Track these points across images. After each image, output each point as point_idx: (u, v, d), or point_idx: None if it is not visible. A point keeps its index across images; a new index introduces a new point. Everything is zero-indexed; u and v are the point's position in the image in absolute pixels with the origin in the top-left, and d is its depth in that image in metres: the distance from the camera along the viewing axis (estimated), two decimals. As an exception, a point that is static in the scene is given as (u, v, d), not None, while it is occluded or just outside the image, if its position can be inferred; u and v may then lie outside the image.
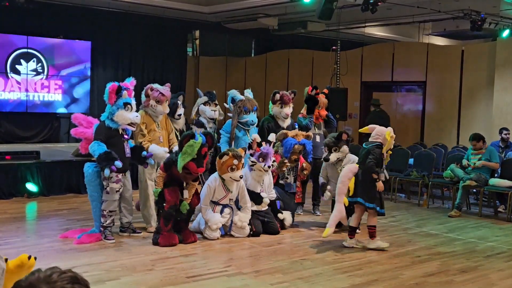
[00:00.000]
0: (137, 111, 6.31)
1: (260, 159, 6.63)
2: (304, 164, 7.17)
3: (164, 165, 6.10)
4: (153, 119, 6.75)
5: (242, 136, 7.41)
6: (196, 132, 6.19)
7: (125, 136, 6.26)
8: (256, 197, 6.66)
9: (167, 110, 6.86)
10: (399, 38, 14.83)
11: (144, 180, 6.71)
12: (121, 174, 6.14)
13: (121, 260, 5.48)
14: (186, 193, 6.20)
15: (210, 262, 5.51)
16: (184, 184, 6.21)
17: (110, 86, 6.09)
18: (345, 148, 7.10)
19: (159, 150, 6.52)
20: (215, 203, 6.47)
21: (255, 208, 6.66)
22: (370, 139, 6.41)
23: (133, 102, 6.19)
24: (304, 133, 7.36)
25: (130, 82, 6.38)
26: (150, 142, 6.63)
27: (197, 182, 6.43)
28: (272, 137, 7.07)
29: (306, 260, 5.69)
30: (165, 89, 6.79)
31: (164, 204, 6.05)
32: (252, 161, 6.67)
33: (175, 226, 6.13)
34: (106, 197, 6.10)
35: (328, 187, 7.07)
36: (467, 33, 12.99)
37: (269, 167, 6.65)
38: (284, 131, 7.33)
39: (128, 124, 6.15)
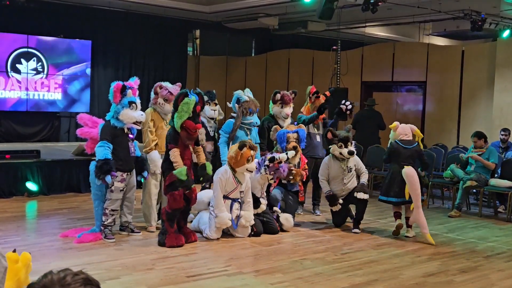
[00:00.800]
0: (142, 109, 6.31)
1: (272, 172, 6.66)
2: (298, 177, 7.13)
3: (173, 141, 5.94)
4: (162, 117, 6.74)
5: (241, 137, 7.40)
6: (188, 90, 6.14)
7: (130, 136, 6.26)
8: (254, 201, 6.66)
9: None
10: (400, 38, 14.83)
11: (147, 179, 6.72)
12: (125, 173, 6.14)
13: (121, 259, 5.48)
14: (195, 158, 6.21)
15: (210, 262, 5.51)
16: (191, 149, 6.17)
17: (115, 85, 6.09)
18: (353, 143, 7.28)
19: (158, 161, 6.53)
20: (224, 197, 6.42)
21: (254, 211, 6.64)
22: (398, 138, 6.67)
23: (138, 101, 6.21)
24: (294, 125, 7.38)
25: (134, 81, 6.39)
26: (155, 147, 6.64)
27: (200, 147, 6.41)
28: (291, 154, 6.98)
29: (306, 259, 5.69)
30: (175, 88, 6.77)
31: (166, 207, 6.05)
32: (265, 167, 6.66)
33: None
34: (109, 196, 6.10)
35: (340, 200, 7.09)
36: (467, 33, 12.99)
37: (274, 182, 6.85)
38: (275, 126, 7.38)
39: (133, 123, 6.17)
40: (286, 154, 6.73)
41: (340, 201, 7.10)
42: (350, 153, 7.06)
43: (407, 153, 6.71)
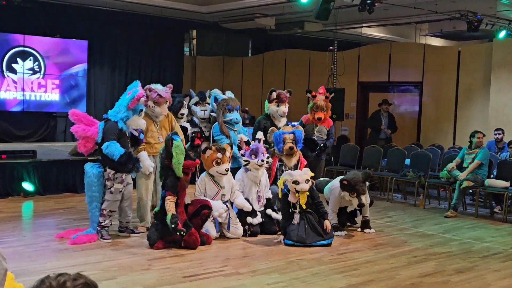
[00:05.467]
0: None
1: (252, 156, 6.68)
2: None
3: (171, 189, 5.85)
4: (152, 119, 6.73)
5: (231, 136, 7.42)
6: (171, 134, 6.16)
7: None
8: (251, 212, 6.62)
9: (166, 112, 6.81)
10: (396, 39, 14.85)
11: (140, 181, 6.71)
12: (124, 174, 6.13)
13: (117, 259, 5.47)
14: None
15: (207, 262, 5.51)
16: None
17: (138, 93, 6.02)
18: (367, 192, 6.88)
19: (146, 161, 6.50)
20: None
21: (251, 221, 6.60)
22: None
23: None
24: (291, 126, 7.38)
25: (138, 87, 6.27)
26: (144, 149, 6.61)
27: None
28: (259, 135, 7.10)
29: (302, 260, 5.69)
30: (165, 90, 6.73)
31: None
32: (246, 160, 6.70)
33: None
34: (109, 197, 6.07)
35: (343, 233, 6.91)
36: (463, 34, 13.03)
37: (262, 161, 6.69)
38: (272, 128, 7.39)
39: (136, 130, 6.23)
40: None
41: (343, 234, 6.88)
42: (360, 206, 6.75)
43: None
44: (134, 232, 6.48)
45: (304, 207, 6.23)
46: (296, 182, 6.20)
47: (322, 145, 8.01)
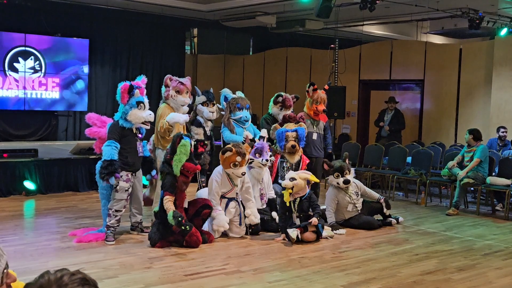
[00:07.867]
0: (150, 109, 6.26)
1: (257, 154, 6.67)
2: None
3: (169, 189, 5.85)
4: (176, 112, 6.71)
5: (239, 133, 7.43)
6: (182, 133, 6.13)
7: (139, 135, 6.24)
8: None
9: (188, 101, 6.78)
10: (397, 37, 14.83)
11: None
12: (131, 173, 6.12)
13: (119, 258, 5.48)
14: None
15: (208, 260, 5.51)
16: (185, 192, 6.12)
17: (122, 86, 6.02)
18: (352, 170, 7.19)
19: (179, 117, 6.45)
20: (221, 196, 6.41)
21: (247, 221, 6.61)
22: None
23: (146, 100, 6.15)
24: (294, 123, 7.37)
25: (141, 80, 6.31)
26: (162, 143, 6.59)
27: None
28: (264, 132, 7.12)
29: (304, 258, 5.70)
30: (185, 79, 6.74)
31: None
32: (250, 159, 6.69)
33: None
34: (114, 195, 6.06)
35: (343, 231, 6.91)
36: (465, 32, 13.00)
37: (266, 160, 6.70)
38: (275, 124, 7.42)
39: (142, 123, 6.13)
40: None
41: (343, 231, 6.91)
42: (346, 182, 7.01)
43: None
44: (143, 231, 6.45)
45: (287, 204, 6.39)
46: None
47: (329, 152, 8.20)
